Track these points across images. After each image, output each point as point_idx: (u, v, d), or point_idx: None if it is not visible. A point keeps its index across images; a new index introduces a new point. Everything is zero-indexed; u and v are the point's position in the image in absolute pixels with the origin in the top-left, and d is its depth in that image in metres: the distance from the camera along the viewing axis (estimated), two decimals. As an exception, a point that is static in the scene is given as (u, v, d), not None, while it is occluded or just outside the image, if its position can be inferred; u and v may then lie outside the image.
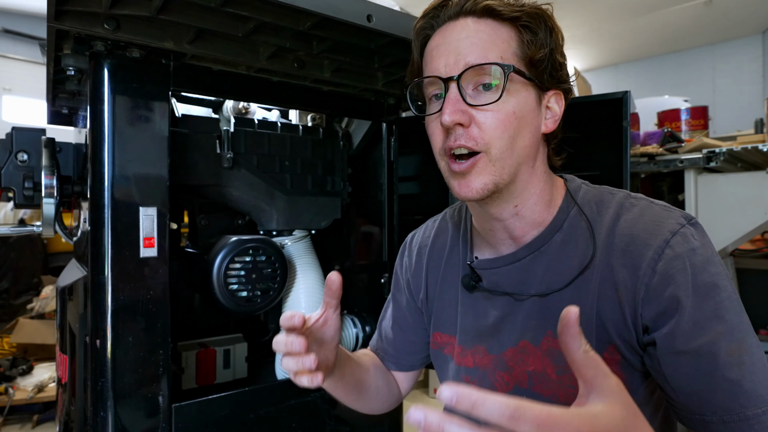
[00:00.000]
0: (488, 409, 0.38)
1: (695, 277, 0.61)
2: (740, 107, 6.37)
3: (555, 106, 0.72)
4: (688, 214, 0.67)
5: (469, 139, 0.65)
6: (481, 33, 0.67)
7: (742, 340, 0.60)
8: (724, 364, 0.59)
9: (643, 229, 0.65)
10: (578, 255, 0.69)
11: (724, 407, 0.59)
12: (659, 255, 0.62)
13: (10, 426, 2.64)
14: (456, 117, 0.64)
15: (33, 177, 1.21)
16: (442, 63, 0.67)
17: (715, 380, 0.59)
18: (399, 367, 0.94)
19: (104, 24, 0.90)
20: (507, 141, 0.66)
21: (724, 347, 0.59)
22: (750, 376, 0.59)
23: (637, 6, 5.74)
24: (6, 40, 5.54)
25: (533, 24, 0.67)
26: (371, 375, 0.89)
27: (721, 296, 0.61)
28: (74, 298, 1.21)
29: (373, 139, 1.52)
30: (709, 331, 0.60)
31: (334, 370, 0.76)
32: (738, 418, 0.58)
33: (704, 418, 0.60)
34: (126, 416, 0.96)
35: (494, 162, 0.66)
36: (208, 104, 1.38)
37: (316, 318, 0.69)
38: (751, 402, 0.58)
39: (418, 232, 0.96)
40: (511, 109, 0.66)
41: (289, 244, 1.39)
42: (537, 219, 0.72)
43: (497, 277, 0.76)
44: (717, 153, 1.78)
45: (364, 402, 0.88)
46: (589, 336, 0.67)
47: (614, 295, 0.65)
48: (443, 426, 0.38)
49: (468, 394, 0.39)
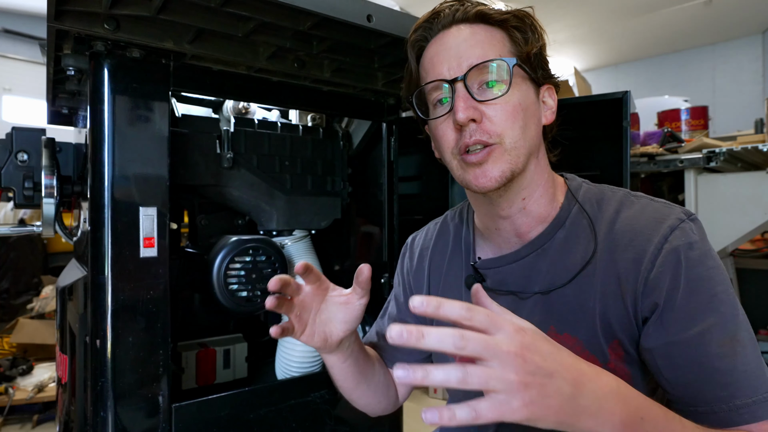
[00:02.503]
0: (449, 308, 0.47)
1: (690, 270, 0.62)
2: (740, 107, 6.38)
3: (549, 99, 0.76)
4: (687, 210, 0.68)
5: (483, 134, 0.67)
6: (477, 35, 0.70)
7: (735, 333, 0.61)
8: (715, 354, 0.60)
9: (645, 225, 0.67)
10: (580, 251, 0.70)
11: (714, 397, 0.60)
12: (659, 249, 0.64)
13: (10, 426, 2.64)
14: (469, 113, 0.67)
15: (33, 177, 1.21)
16: (444, 67, 0.70)
17: (706, 371, 0.60)
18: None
19: (104, 24, 0.90)
20: (519, 131, 0.68)
21: (716, 338, 0.60)
22: (741, 366, 0.60)
23: (637, 6, 5.74)
24: (6, 40, 5.55)
25: (521, 25, 0.72)
26: (375, 368, 0.88)
27: (715, 289, 0.62)
28: (74, 298, 1.21)
29: (373, 139, 1.52)
30: (700, 322, 0.61)
31: (343, 347, 0.77)
32: (728, 408, 0.59)
33: (697, 410, 0.61)
34: (126, 416, 0.96)
35: (509, 151, 0.68)
36: (208, 104, 1.38)
37: (342, 292, 0.73)
38: (741, 392, 0.59)
39: (419, 234, 0.96)
40: (516, 101, 0.69)
41: (289, 244, 1.39)
42: (542, 213, 0.74)
43: (501, 276, 0.77)
44: (717, 153, 1.78)
45: (361, 393, 0.87)
46: (593, 331, 0.68)
47: (617, 290, 0.66)
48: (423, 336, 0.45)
49: (431, 300, 0.47)
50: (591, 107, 1.17)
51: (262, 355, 1.48)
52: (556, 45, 6.91)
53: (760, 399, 0.59)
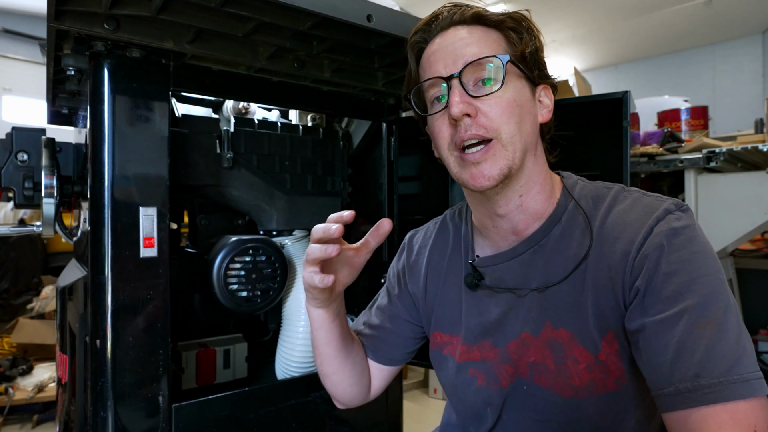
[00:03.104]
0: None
1: (671, 253, 0.62)
2: (740, 107, 6.37)
3: (546, 99, 0.77)
4: (678, 201, 0.68)
5: (479, 128, 0.69)
6: (474, 36, 0.72)
7: (716, 317, 0.59)
8: (690, 336, 0.58)
9: (634, 218, 0.67)
10: (574, 247, 0.71)
11: (681, 377, 0.58)
12: (645, 239, 0.65)
13: (10, 426, 2.64)
14: (463, 107, 0.68)
15: (33, 177, 1.21)
16: (441, 65, 0.72)
17: (678, 351, 0.59)
18: (378, 357, 0.93)
19: (104, 24, 0.90)
20: (514, 126, 0.70)
21: (694, 320, 0.59)
22: (716, 348, 0.57)
23: (637, 6, 5.74)
24: (6, 40, 5.55)
25: (517, 27, 0.73)
26: (355, 346, 0.89)
27: (697, 272, 0.61)
28: (74, 298, 1.21)
29: (373, 139, 1.52)
30: (679, 303, 0.60)
31: (336, 303, 0.81)
32: (692, 386, 0.57)
33: (664, 392, 0.60)
34: (126, 416, 0.96)
35: (506, 146, 0.69)
36: (208, 104, 1.38)
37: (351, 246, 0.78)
38: (708, 372, 0.57)
39: (419, 232, 0.97)
40: (511, 97, 0.70)
41: (289, 244, 1.39)
42: (539, 210, 0.75)
43: (500, 273, 0.78)
44: (717, 153, 1.78)
45: (338, 365, 0.86)
46: (587, 325, 0.68)
47: (609, 283, 0.67)
48: None
49: None
50: (591, 107, 1.17)
51: (262, 355, 1.48)
52: (555, 45, 6.91)
53: (729, 380, 0.56)
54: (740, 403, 0.55)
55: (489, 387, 0.77)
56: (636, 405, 0.69)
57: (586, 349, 0.68)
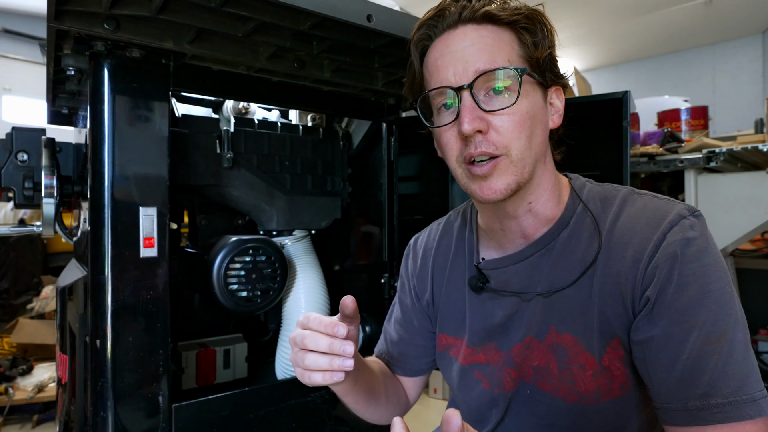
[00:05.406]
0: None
1: (684, 265, 0.61)
2: (740, 107, 6.38)
3: (557, 101, 0.74)
4: (691, 207, 0.67)
5: (489, 145, 0.65)
6: (485, 38, 0.67)
7: (725, 333, 0.59)
8: (700, 352, 0.58)
9: (646, 223, 0.65)
10: (581, 250, 0.69)
11: (690, 395, 0.58)
12: (657, 247, 0.63)
13: (10, 426, 2.64)
14: (475, 125, 0.64)
15: (33, 177, 1.21)
16: (450, 72, 0.67)
17: (687, 368, 0.59)
18: (405, 372, 0.92)
19: (104, 24, 0.90)
20: (525, 141, 0.66)
21: (704, 336, 0.59)
22: (725, 367, 0.58)
23: (637, 6, 5.74)
24: (6, 40, 5.54)
25: (531, 26, 0.68)
26: (381, 383, 0.87)
27: (709, 286, 0.60)
28: (74, 298, 1.21)
29: (373, 139, 1.52)
30: (690, 318, 0.60)
31: (348, 374, 0.74)
32: (701, 406, 0.57)
33: (671, 406, 0.60)
34: (126, 416, 0.96)
35: (515, 163, 0.66)
36: (208, 104, 1.38)
37: None
38: (718, 392, 0.57)
39: (422, 235, 0.95)
40: (525, 110, 0.66)
41: (289, 244, 1.39)
42: (548, 215, 0.73)
43: (506, 276, 0.76)
44: (717, 153, 1.78)
45: (373, 410, 0.86)
46: (592, 330, 0.67)
47: (616, 289, 0.65)
48: None
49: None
50: (591, 107, 1.17)
51: (262, 355, 1.48)
52: (556, 45, 6.90)
53: (738, 401, 0.56)
54: (747, 423, 0.56)
55: (492, 390, 0.77)
56: (640, 411, 0.69)
57: (592, 356, 0.67)
